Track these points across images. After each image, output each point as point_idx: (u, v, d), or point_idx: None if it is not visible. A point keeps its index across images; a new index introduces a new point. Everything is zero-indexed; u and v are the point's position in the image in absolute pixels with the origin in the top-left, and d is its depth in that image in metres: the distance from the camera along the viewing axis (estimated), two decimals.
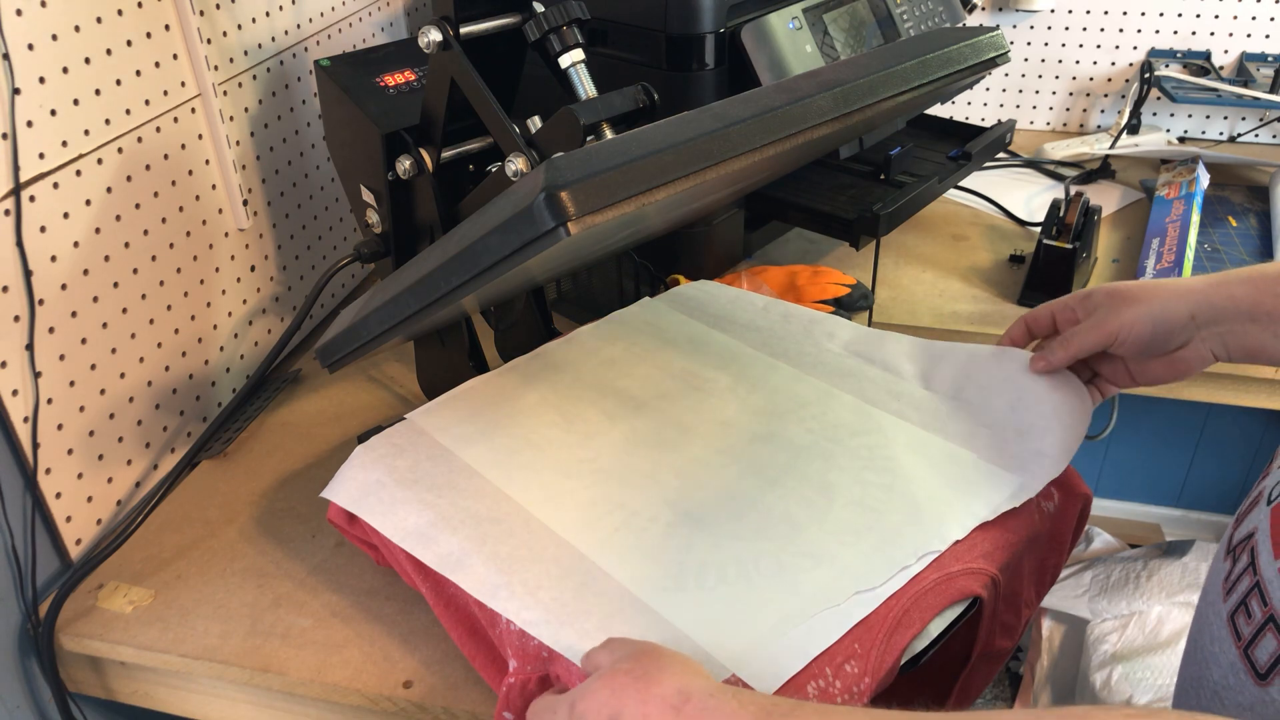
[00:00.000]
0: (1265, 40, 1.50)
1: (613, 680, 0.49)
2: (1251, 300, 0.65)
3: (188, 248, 0.94)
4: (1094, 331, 0.69)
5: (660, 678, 0.48)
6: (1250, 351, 0.66)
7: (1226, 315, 0.65)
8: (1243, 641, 0.51)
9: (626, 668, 0.49)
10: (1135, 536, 1.93)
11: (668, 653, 0.50)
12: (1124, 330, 0.67)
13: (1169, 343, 0.67)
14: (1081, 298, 0.71)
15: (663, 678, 0.48)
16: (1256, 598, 0.50)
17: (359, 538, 0.77)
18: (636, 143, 0.54)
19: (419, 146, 0.83)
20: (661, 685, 0.47)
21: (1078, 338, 0.70)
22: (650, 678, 0.48)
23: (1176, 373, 0.69)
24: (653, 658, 0.50)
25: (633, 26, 1.00)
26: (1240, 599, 0.52)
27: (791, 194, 1.13)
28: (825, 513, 0.66)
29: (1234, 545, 0.55)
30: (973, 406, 0.74)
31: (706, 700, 0.46)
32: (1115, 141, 1.46)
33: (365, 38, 1.22)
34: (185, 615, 0.78)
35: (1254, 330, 0.65)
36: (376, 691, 0.71)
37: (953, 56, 0.74)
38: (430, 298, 0.62)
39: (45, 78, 0.76)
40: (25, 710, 0.81)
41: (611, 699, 0.48)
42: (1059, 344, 0.71)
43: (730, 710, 0.45)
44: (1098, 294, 0.70)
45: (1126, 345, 0.68)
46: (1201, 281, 0.67)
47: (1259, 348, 0.65)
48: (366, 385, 1.05)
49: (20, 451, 0.77)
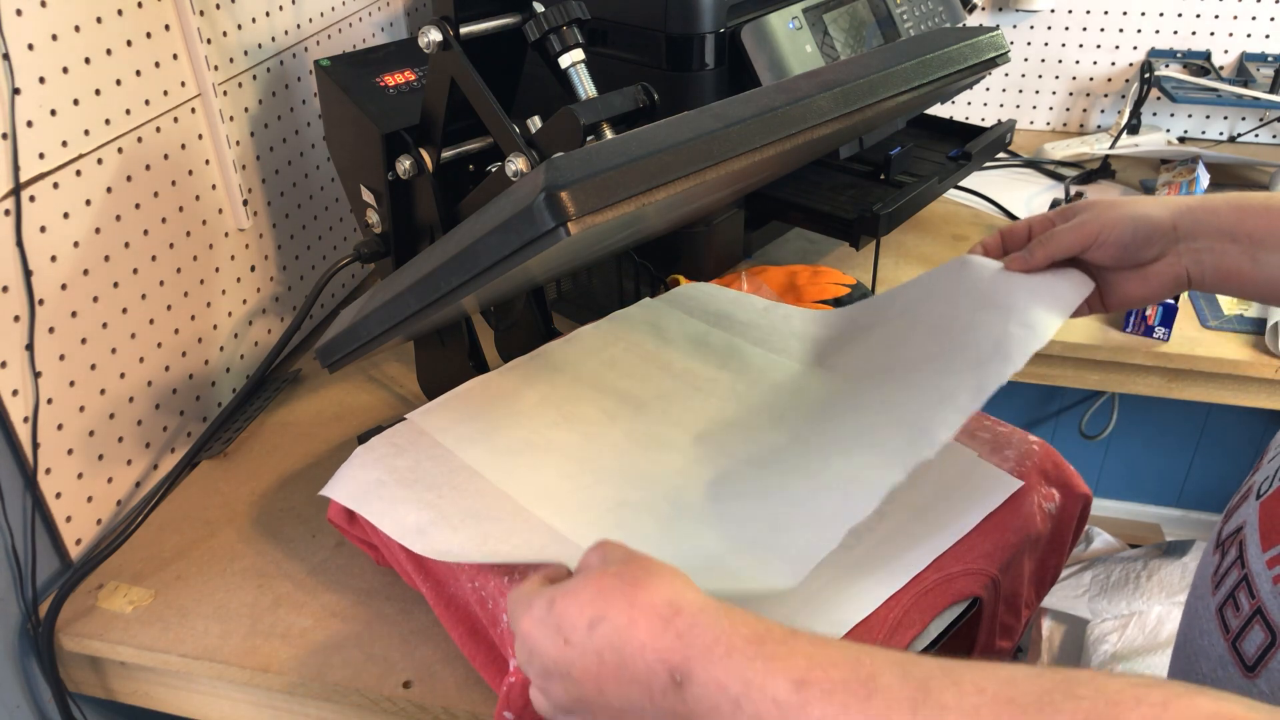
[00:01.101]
0: (1265, 40, 1.50)
1: (599, 582, 0.46)
2: (1234, 220, 0.64)
3: (188, 248, 0.94)
4: (1075, 231, 0.66)
5: (650, 584, 0.45)
6: (1225, 274, 0.65)
7: (1208, 230, 0.64)
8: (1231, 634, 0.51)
9: (616, 570, 0.47)
10: (1135, 536, 1.93)
11: (658, 563, 0.48)
12: (1105, 230, 0.65)
13: (1147, 249, 0.65)
14: (1060, 210, 0.70)
15: (652, 585, 0.45)
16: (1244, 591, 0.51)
17: (359, 538, 0.77)
18: (636, 143, 0.54)
19: (419, 146, 0.83)
20: (650, 592, 0.45)
21: (1057, 237, 0.67)
22: (639, 583, 0.45)
23: (1149, 290, 0.67)
24: (643, 565, 0.47)
25: (633, 26, 1.00)
26: (1229, 592, 0.52)
27: (791, 194, 1.13)
28: None
29: (1223, 539, 0.55)
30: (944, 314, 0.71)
31: (697, 615, 0.43)
32: (1115, 141, 1.46)
33: (365, 38, 1.22)
34: (185, 615, 0.78)
35: (1232, 251, 0.64)
36: (376, 691, 0.71)
37: (953, 56, 0.74)
38: (430, 298, 0.62)
39: (45, 78, 0.76)
40: (25, 710, 0.81)
41: (596, 600, 0.45)
42: (1037, 243, 0.68)
43: (722, 629, 0.42)
44: (1079, 205, 0.69)
45: (1106, 248, 0.66)
46: (1185, 198, 0.66)
47: (1234, 270, 0.64)
48: (366, 385, 1.05)
49: (20, 451, 0.77)
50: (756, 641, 0.42)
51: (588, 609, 0.45)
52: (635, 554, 0.49)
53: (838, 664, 0.39)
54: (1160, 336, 1.09)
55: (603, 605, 0.45)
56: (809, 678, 0.39)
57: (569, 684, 0.46)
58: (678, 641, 0.43)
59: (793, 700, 0.39)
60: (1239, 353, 1.08)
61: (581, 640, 0.45)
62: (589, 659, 0.45)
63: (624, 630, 0.44)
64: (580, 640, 0.45)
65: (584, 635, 0.45)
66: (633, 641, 0.44)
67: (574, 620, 0.46)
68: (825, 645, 0.41)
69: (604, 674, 0.45)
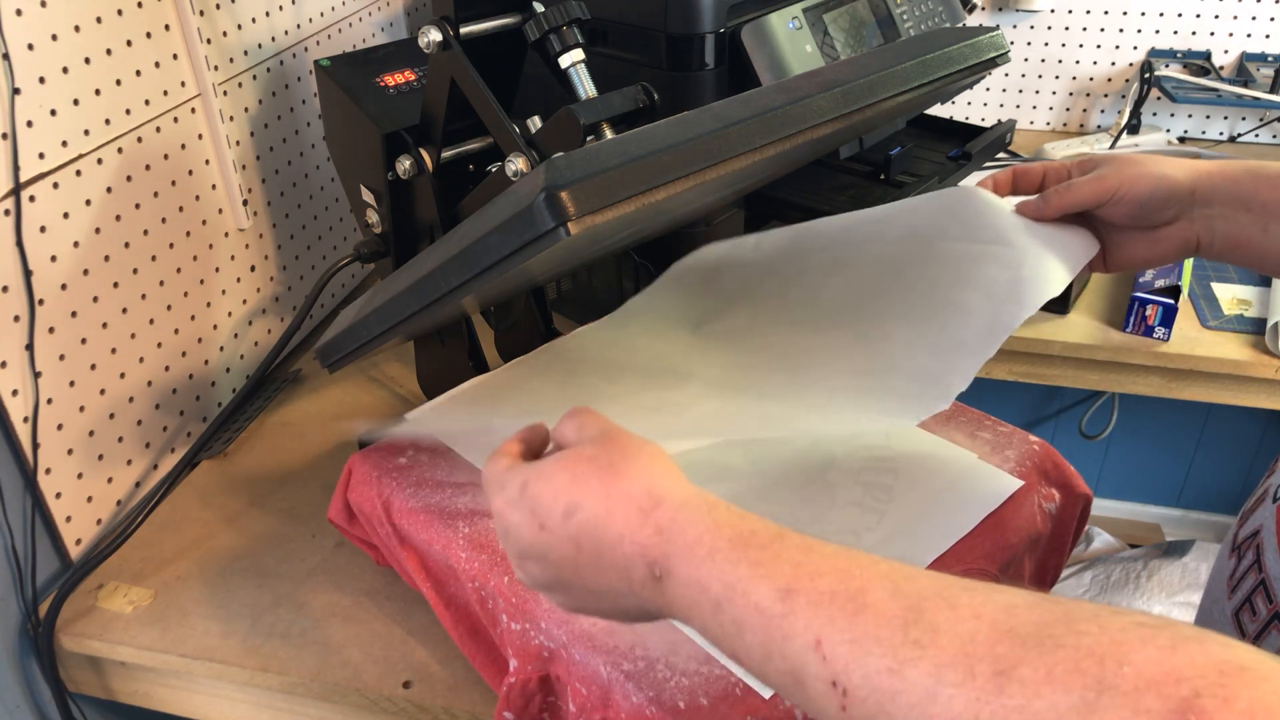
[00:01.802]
0: (1265, 40, 1.50)
1: (574, 465, 0.44)
2: (1251, 189, 0.63)
3: (188, 248, 0.94)
4: (1093, 184, 0.65)
5: (628, 471, 0.43)
6: (1235, 243, 0.64)
7: (1223, 197, 0.63)
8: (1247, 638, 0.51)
9: (590, 454, 0.44)
10: (1135, 536, 1.94)
11: (636, 442, 0.45)
12: (1124, 186, 0.64)
13: (1163, 212, 0.64)
14: (1079, 161, 0.68)
15: (630, 472, 0.43)
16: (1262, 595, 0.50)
17: (359, 538, 0.77)
18: (636, 143, 0.54)
19: (419, 146, 0.83)
20: (628, 480, 0.43)
21: (1075, 189, 0.65)
22: (616, 470, 0.43)
23: (1156, 252, 0.66)
24: (620, 446, 0.44)
25: (633, 26, 1.00)
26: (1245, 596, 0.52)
27: (791, 194, 1.13)
28: (826, 512, 0.66)
29: (1239, 543, 0.55)
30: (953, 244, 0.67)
31: (678, 510, 0.41)
32: (1115, 141, 1.46)
33: (365, 38, 1.22)
34: (185, 615, 0.78)
35: (1245, 220, 0.63)
36: (376, 691, 0.71)
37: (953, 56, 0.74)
38: (430, 298, 0.62)
39: (45, 78, 0.76)
40: (25, 710, 0.81)
41: (570, 487, 0.43)
42: (1053, 192, 0.66)
43: (704, 527, 0.40)
44: (1097, 157, 0.68)
45: (1122, 205, 0.64)
46: (1205, 162, 0.65)
47: (1245, 240, 0.63)
48: (366, 385, 1.05)
49: (20, 451, 0.77)
50: (741, 544, 0.40)
51: (562, 496, 0.44)
52: (611, 430, 0.46)
53: (825, 574, 0.37)
54: (1160, 336, 1.09)
55: (578, 493, 0.43)
56: (795, 586, 0.37)
57: (546, 565, 0.45)
58: (657, 536, 0.41)
59: (776, 609, 0.37)
60: (1239, 353, 1.08)
61: (557, 526, 0.44)
62: (565, 545, 0.43)
63: (600, 519, 0.42)
64: (555, 526, 0.44)
65: (559, 522, 0.43)
66: (610, 531, 0.42)
67: (549, 506, 0.44)
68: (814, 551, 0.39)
69: (581, 560, 0.43)
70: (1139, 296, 1.09)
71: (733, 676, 0.56)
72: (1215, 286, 1.19)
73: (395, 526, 0.70)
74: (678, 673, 0.56)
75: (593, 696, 0.57)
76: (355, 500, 0.73)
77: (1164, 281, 1.12)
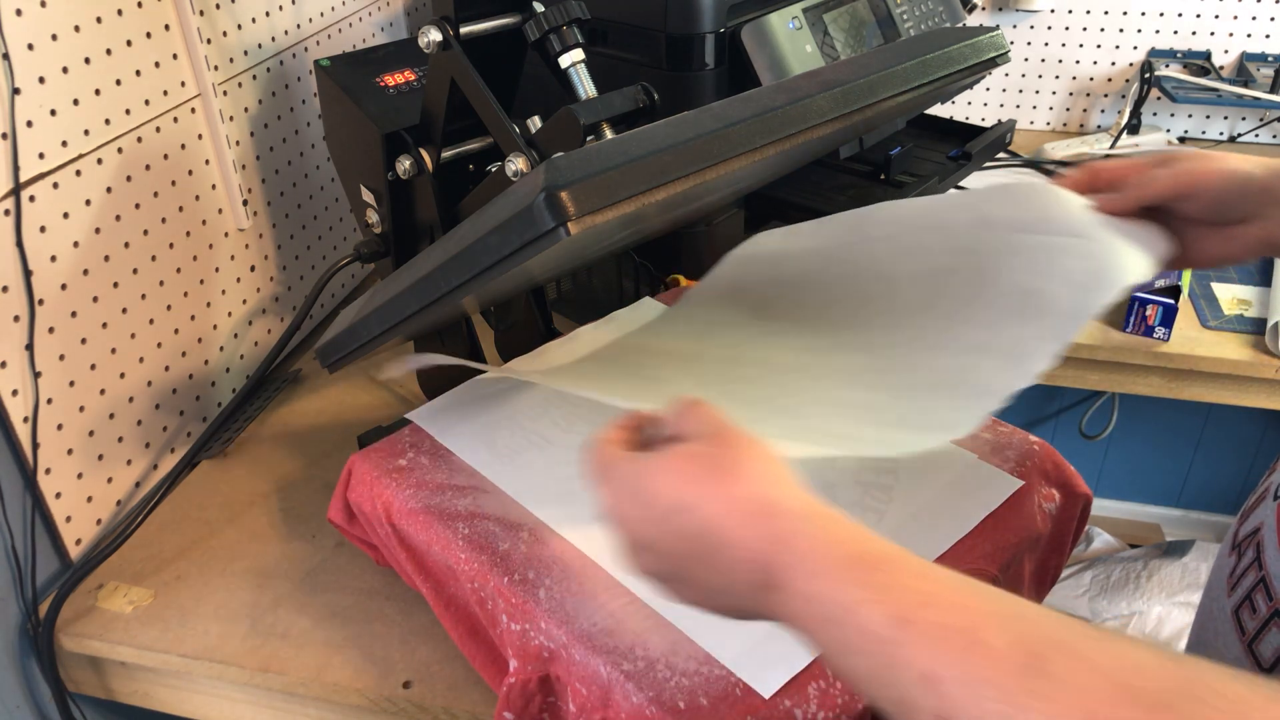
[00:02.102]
0: (1265, 40, 1.50)
1: (688, 464, 0.44)
2: None
3: (188, 248, 0.94)
4: (1171, 178, 0.64)
5: (743, 475, 0.43)
6: None
7: None
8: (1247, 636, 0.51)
9: (704, 451, 0.44)
10: (1135, 536, 1.94)
11: (753, 445, 0.44)
12: (1201, 181, 0.63)
13: (1238, 208, 0.63)
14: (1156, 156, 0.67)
15: (746, 476, 0.43)
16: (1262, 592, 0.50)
17: (359, 538, 0.77)
18: (636, 143, 0.54)
19: (419, 146, 0.83)
20: (744, 485, 0.42)
21: (1152, 181, 0.64)
22: (730, 472, 0.43)
23: (1230, 249, 0.65)
24: (734, 446, 0.44)
25: (633, 26, 1.00)
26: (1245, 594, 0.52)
27: (791, 194, 1.13)
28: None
29: (1239, 540, 0.55)
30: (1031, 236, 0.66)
31: (795, 522, 0.41)
32: (1115, 141, 1.46)
33: (365, 38, 1.22)
34: (185, 615, 0.78)
35: None
36: (376, 691, 0.71)
37: (953, 56, 0.74)
38: (430, 298, 0.62)
39: (45, 78, 0.76)
40: (25, 710, 0.81)
41: (684, 486, 0.43)
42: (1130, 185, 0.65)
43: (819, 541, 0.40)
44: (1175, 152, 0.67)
45: (1199, 200, 0.64)
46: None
47: None
48: (366, 385, 1.05)
49: (20, 451, 0.77)
50: (857, 563, 0.39)
51: (675, 494, 0.43)
52: (728, 429, 0.45)
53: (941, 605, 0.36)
54: (1160, 336, 1.09)
55: (691, 493, 0.43)
56: (908, 615, 0.36)
57: (657, 558, 0.45)
58: (772, 546, 0.40)
59: (887, 636, 0.36)
60: (1239, 353, 1.08)
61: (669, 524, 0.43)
62: (678, 542, 0.43)
63: (714, 522, 0.42)
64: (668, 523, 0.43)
65: (672, 519, 0.43)
66: (724, 535, 0.42)
67: (661, 502, 0.43)
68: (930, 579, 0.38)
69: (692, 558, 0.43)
70: (1139, 296, 1.09)
71: (733, 677, 0.56)
72: (1215, 286, 1.19)
73: (395, 527, 0.70)
74: (678, 673, 0.56)
75: (593, 696, 0.57)
76: (355, 500, 0.73)
77: (1164, 281, 1.12)
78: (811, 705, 0.54)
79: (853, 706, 0.54)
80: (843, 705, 0.54)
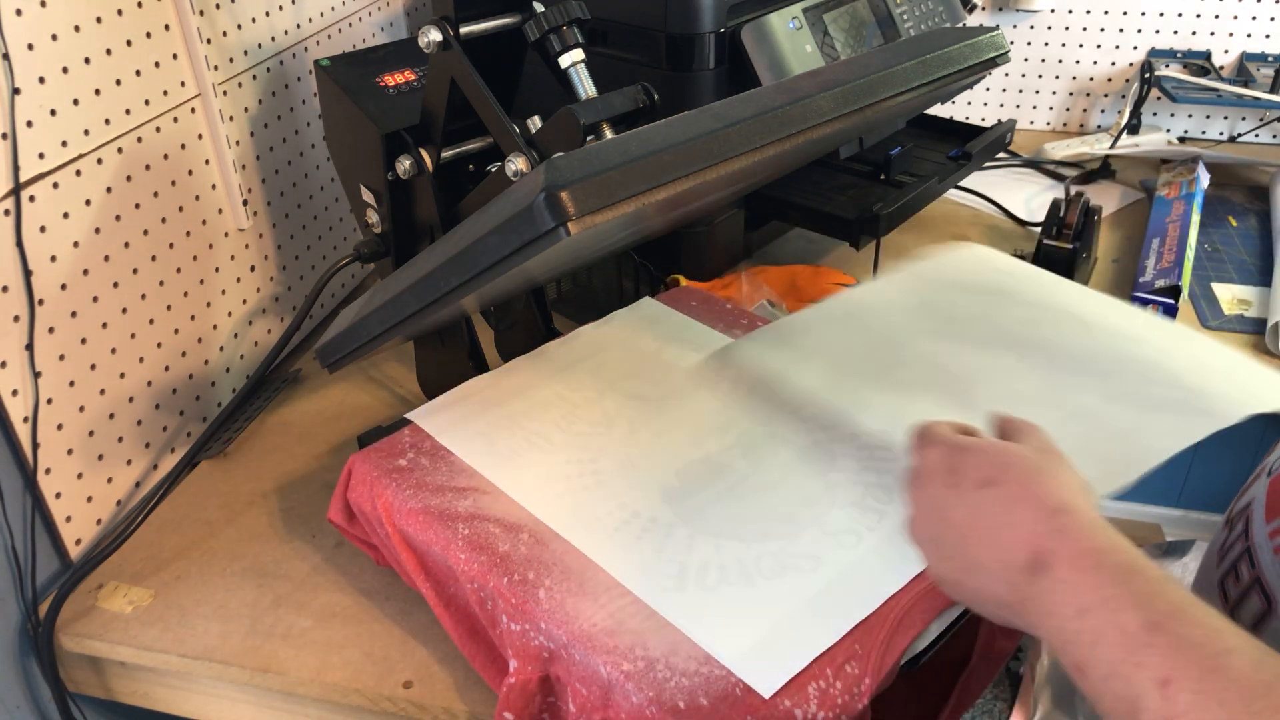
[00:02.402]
0: (1265, 40, 1.50)
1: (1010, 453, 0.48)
2: None
3: (188, 248, 0.94)
4: None
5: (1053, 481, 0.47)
6: None
7: None
8: (1230, 604, 0.53)
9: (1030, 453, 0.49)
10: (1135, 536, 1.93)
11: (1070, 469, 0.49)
12: None
13: None
14: None
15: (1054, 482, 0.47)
16: (1245, 562, 0.52)
17: (359, 538, 0.77)
18: (636, 143, 0.54)
19: (419, 146, 0.83)
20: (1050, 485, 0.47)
21: None
22: (1044, 473, 0.47)
23: None
24: (1054, 464, 0.48)
25: (633, 26, 1.00)
26: (1231, 564, 0.53)
27: (791, 194, 1.13)
28: (826, 512, 0.66)
29: (1232, 515, 0.56)
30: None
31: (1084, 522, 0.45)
32: (1115, 141, 1.46)
33: (365, 38, 1.22)
34: (185, 615, 0.78)
35: None
36: (376, 691, 0.71)
37: (953, 56, 0.74)
38: (430, 298, 0.62)
39: (45, 78, 0.76)
40: (25, 710, 0.81)
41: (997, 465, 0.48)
42: None
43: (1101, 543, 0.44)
44: None
45: None
46: None
47: None
48: (366, 385, 1.05)
49: (20, 451, 0.77)
50: (1128, 569, 0.42)
51: (986, 468, 0.48)
52: (1054, 449, 0.50)
53: (1198, 625, 0.39)
54: None
55: (1001, 472, 0.47)
56: (1165, 624, 0.39)
57: (942, 524, 0.49)
58: (1054, 533, 0.44)
59: (1138, 637, 0.39)
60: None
61: (968, 490, 0.48)
62: (966, 509, 0.47)
63: (1009, 501, 0.46)
64: (966, 490, 0.48)
65: (971, 488, 0.48)
66: (1013, 513, 0.46)
67: (969, 472, 0.48)
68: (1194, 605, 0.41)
69: (973, 529, 0.47)
70: (1139, 296, 1.09)
71: (733, 677, 0.56)
72: (1215, 286, 1.19)
73: (395, 527, 0.70)
74: (678, 673, 0.56)
75: (593, 696, 0.57)
76: (355, 500, 0.73)
77: (1164, 281, 1.12)
78: (811, 705, 0.54)
79: (853, 706, 0.54)
80: (843, 705, 0.54)
